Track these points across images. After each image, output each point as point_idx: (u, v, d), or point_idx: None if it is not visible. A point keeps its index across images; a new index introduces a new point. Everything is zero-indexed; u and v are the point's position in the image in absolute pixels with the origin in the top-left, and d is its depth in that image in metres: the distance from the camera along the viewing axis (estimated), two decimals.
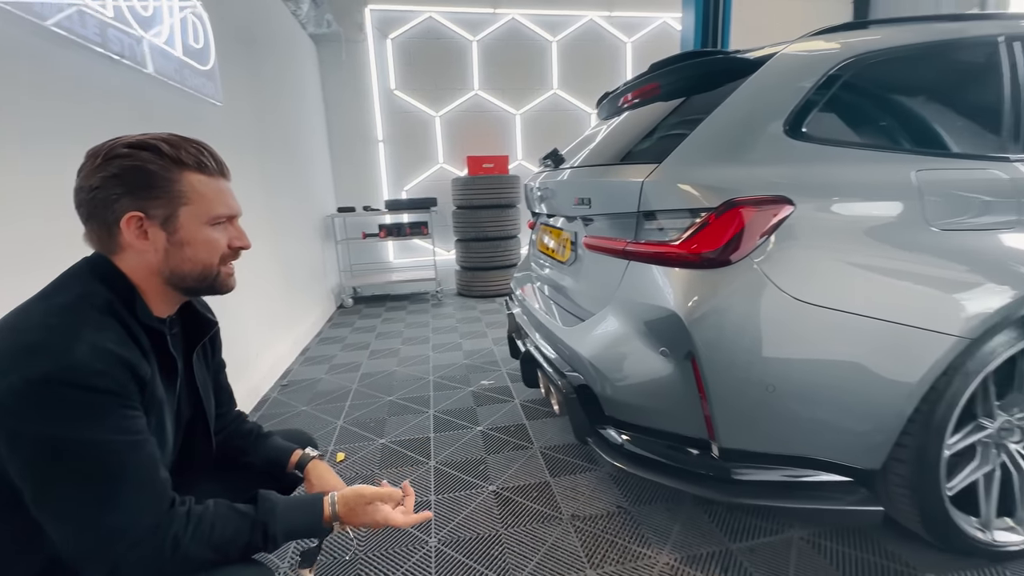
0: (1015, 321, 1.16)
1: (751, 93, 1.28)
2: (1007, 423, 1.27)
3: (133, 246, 0.76)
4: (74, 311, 0.72)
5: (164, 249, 0.78)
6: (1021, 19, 1.43)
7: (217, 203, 0.81)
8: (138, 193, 0.74)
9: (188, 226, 0.78)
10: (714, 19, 3.43)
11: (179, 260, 0.79)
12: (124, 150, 0.74)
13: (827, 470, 1.22)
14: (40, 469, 0.65)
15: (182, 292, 0.84)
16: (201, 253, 0.80)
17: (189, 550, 0.71)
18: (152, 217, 0.76)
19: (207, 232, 0.81)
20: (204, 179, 0.80)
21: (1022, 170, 1.24)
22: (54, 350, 0.66)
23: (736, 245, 1.15)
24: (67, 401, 0.65)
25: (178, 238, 0.78)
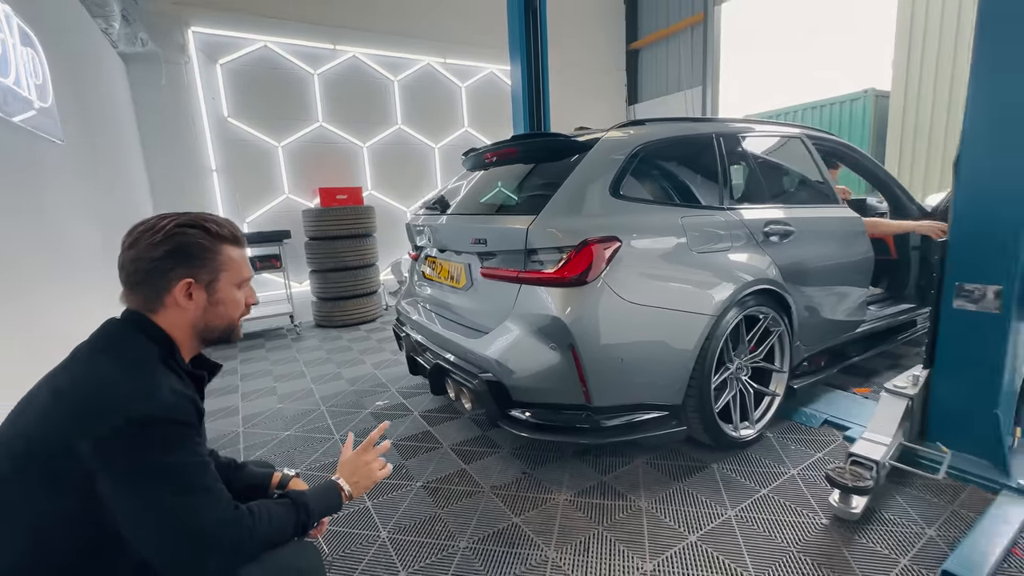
0: (736, 304, 1.99)
1: (588, 166, 1.92)
2: (738, 365, 2.12)
3: (177, 306, 0.93)
4: (145, 363, 0.89)
5: (204, 307, 0.96)
6: (722, 122, 2.40)
7: (244, 269, 1.02)
8: (191, 263, 0.93)
9: (224, 288, 0.98)
10: (536, 89, 4.29)
11: (213, 316, 0.98)
12: (179, 229, 0.92)
13: (654, 409, 1.90)
14: (145, 491, 0.81)
15: (204, 343, 1.02)
16: (230, 310, 1.00)
17: (260, 536, 0.91)
18: (200, 282, 0.94)
19: (235, 293, 1.00)
20: (236, 250, 1.01)
21: (729, 215, 2.12)
22: (145, 394, 0.83)
23: (591, 269, 1.74)
24: (161, 434, 0.82)
25: (216, 298, 0.97)
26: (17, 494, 0.81)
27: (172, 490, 0.82)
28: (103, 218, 2.76)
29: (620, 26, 7.44)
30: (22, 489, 0.80)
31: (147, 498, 0.81)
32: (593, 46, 7.23)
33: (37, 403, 0.86)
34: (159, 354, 0.91)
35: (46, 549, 0.81)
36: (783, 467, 1.98)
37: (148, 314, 0.93)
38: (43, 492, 0.80)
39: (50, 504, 0.80)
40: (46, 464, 0.79)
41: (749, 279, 2.02)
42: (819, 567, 1.45)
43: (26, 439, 0.82)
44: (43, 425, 0.82)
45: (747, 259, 2.08)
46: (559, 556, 1.55)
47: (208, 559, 0.85)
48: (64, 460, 0.78)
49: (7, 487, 0.81)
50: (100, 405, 0.80)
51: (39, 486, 0.80)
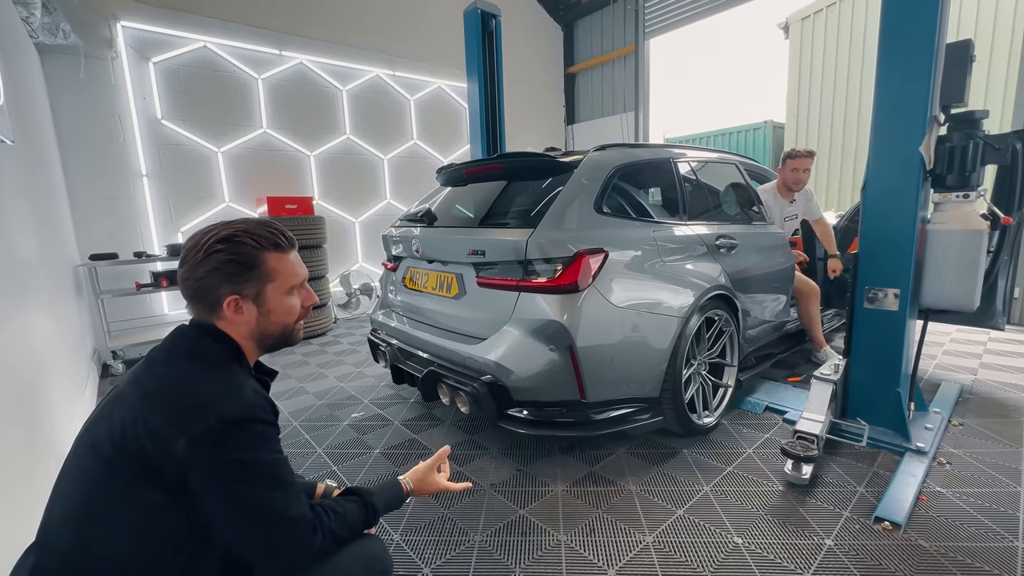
0: (698, 308, 2.28)
1: (574, 185, 2.12)
2: (700, 361, 2.42)
3: (232, 319, 0.96)
4: (226, 365, 0.93)
5: (256, 319, 0.97)
6: (672, 148, 2.73)
7: (292, 275, 1.01)
8: (234, 279, 0.93)
9: (273, 298, 0.98)
10: (492, 107, 4.48)
11: (267, 325, 0.99)
12: (219, 245, 0.92)
13: (635, 403, 2.12)
14: (239, 487, 0.84)
15: (263, 350, 1.04)
16: (283, 317, 1.01)
17: (335, 531, 0.96)
18: (246, 296, 0.95)
19: (286, 300, 1.00)
20: (280, 256, 0.99)
21: (687, 229, 2.43)
22: (234, 395, 0.87)
23: (585, 278, 1.94)
24: (252, 432, 0.86)
25: (266, 309, 0.98)
26: (118, 484, 0.82)
27: (264, 485, 0.86)
28: (40, 221, 2.50)
29: (559, 51, 7.90)
30: (122, 480, 0.82)
31: (241, 493, 0.84)
32: (535, 67, 7.60)
33: (125, 403, 0.87)
34: (235, 359, 0.96)
35: (141, 542, 0.83)
36: (740, 447, 2.29)
37: (212, 322, 0.96)
38: (139, 485, 0.82)
39: (146, 497, 0.82)
40: (140, 459, 0.81)
41: (708, 285, 2.33)
42: (784, 524, 1.73)
43: (121, 435, 0.83)
44: (136, 424, 0.83)
45: (705, 268, 2.39)
46: (570, 539, 1.70)
47: (299, 551, 0.90)
48: (159, 457, 0.81)
49: (110, 474, 0.83)
50: (192, 405, 0.84)
51: (135, 479, 0.82)
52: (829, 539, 1.65)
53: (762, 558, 1.57)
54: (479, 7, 4.25)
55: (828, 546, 1.61)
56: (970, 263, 2.06)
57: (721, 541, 1.66)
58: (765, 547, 1.62)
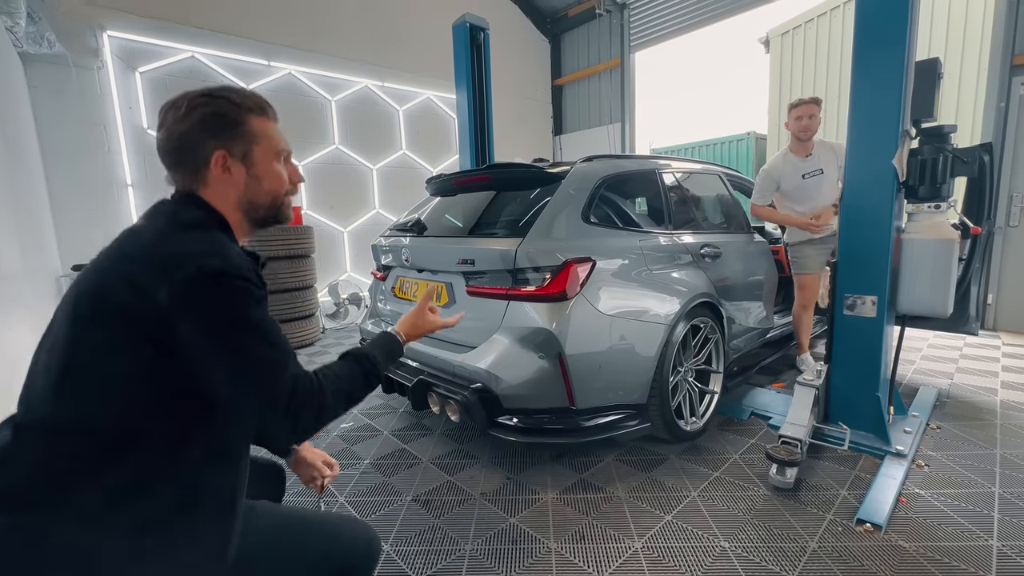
0: (684, 315, 2.33)
1: (562, 195, 2.16)
2: (687, 367, 2.46)
3: (218, 181, 0.89)
4: (208, 228, 0.87)
5: (245, 183, 0.91)
6: (657, 159, 2.79)
7: (279, 140, 0.96)
8: (221, 134, 0.88)
9: (262, 161, 0.92)
10: (481, 118, 4.54)
11: (255, 191, 0.92)
12: (202, 99, 0.87)
13: (624, 409, 2.15)
14: (231, 339, 0.79)
15: (253, 223, 0.97)
16: (273, 184, 0.94)
17: (339, 388, 0.92)
18: (234, 155, 0.89)
19: (275, 166, 0.94)
20: (264, 120, 0.94)
21: (673, 238, 2.49)
22: (219, 253, 0.80)
23: (573, 286, 1.97)
24: (240, 290, 0.79)
25: (255, 172, 0.92)
26: (101, 335, 0.77)
27: (258, 341, 0.81)
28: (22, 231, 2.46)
29: (546, 63, 8.02)
30: (105, 332, 0.77)
31: (235, 345, 0.79)
32: (523, 79, 7.71)
33: (102, 266, 0.81)
34: (218, 227, 0.90)
35: (129, 401, 0.77)
36: (727, 453, 2.33)
37: (195, 191, 0.89)
38: (123, 337, 0.76)
39: (132, 350, 0.76)
40: (121, 313, 0.76)
41: (693, 292, 2.37)
42: (769, 528, 1.76)
43: (100, 292, 0.78)
44: (115, 280, 0.77)
45: (690, 276, 2.44)
46: (560, 546, 1.71)
47: (305, 404, 0.84)
48: (141, 309, 0.75)
49: (92, 328, 0.77)
50: (174, 256, 0.78)
51: (118, 331, 0.76)
52: (813, 541, 1.68)
53: (748, 561, 1.60)
54: (467, 21, 4.32)
55: (812, 548, 1.65)
56: (943, 271, 2.14)
57: (708, 545, 1.68)
58: (751, 550, 1.65)
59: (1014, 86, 4.07)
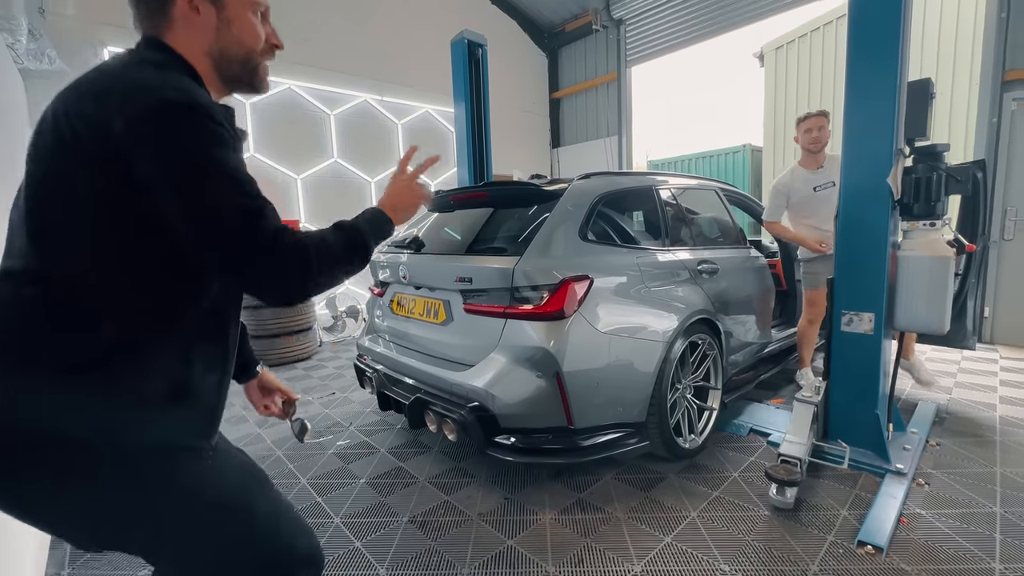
0: (683, 331, 2.33)
1: (560, 213, 2.17)
2: (686, 384, 2.45)
3: (186, 20, 0.80)
4: (174, 68, 0.78)
5: (215, 27, 0.82)
6: (654, 175, 2.81)
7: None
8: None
9: (234, 6, 0.84)
10: (479, 132, 4.57)
11: (227, 40, 0.83)
12: None
13: (622, 427, 2.14)
14: (194, 183, 0.70)
15: (224, 83, 0.87)
16: (246, 36, 0.85)
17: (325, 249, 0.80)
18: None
19: (250, 16, 0.86)
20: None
21: (670, 255, 2.49)
22: (184, 90, 0.72)
23: (571, 305, 1.97)
24: (205, 128, 0.71)
25: (226, 15, 0.83)
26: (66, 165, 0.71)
27: (227, 187, 0.72)
28: None
29: (544, 76, 8.10)
30: (67, 165, 0.71)
31: (200, 191, 0.70)
32: (521, 92, 7.78)
33: (58, 104, 0.74)
34: (185, 71, 0.80)
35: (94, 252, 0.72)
36: (726, 471, 2.31)
37: (160, 34, 0.81)
38: (84, 172, 0.70)
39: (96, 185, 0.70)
40: (77, 148, 0.69)
41: (691, 310, 2.37)
42: (769, 550, 1.74)
43: (55, 127, 0.71)
44: (69, 114, 0.71)
45: (688, 293, 2.44)
46: (557, 570, 1.68)
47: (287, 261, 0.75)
48: (96, 144, 0.69)
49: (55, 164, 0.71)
50: (131, 86, 0.71)
51: (80, 165, 0.70)
52: (814, 564, 1.66)
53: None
54: (466, 37, 4.37)
55: (814, 572, 1.63)
56: (939, 288, 2.14)
57: (709, 569, 1.66)
58: (752, 574, 1.63)
59: (1005, 101, 4.12)
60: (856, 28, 2.14)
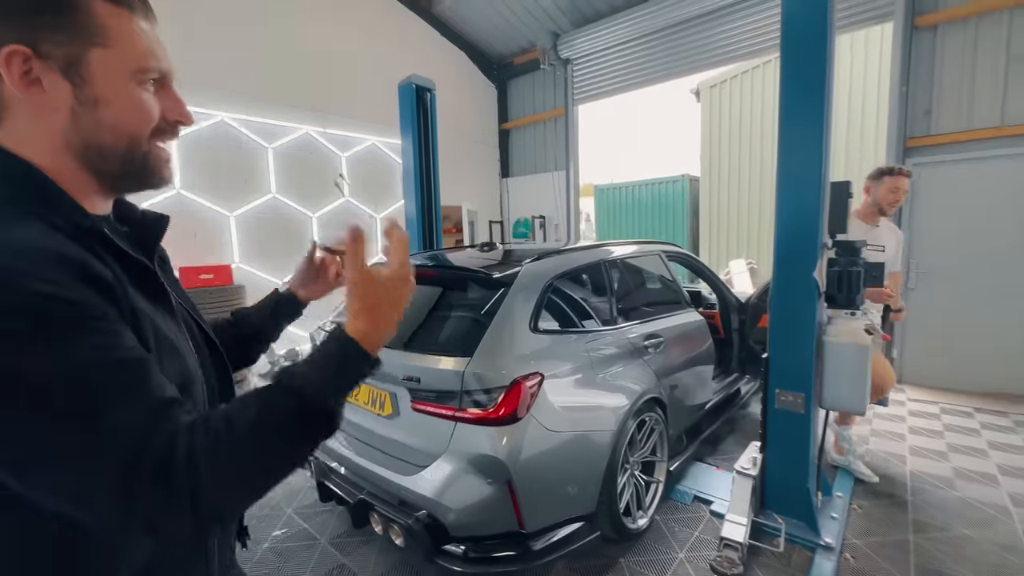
0: (632, 413, 2.36)
1: (511, 305, 2.14)
2: (634, 462, 2.49)
3: (24, 104, 0.55)
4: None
5: (70, 108, 0.56)
6: (604, 247, 2.86)
7: (145, 50, 0.60)
8: (21, 18, 0.53)
9: (104, 79, 0.57)
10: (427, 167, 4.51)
11: (93, 127, 0.57)
12: None
13: (574, 521, 2.13)
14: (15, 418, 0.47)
15: (106, 182, 0.62)
16: (125, 119, 0.59)
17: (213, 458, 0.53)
18: (46, 56, 0.54)
19: (132, 90, 0.59)
20: (124, 13, 0.58)
21: (618, 334, 2.53)
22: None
23: (523, 407, 1.94)
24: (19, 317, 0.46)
25: (90, 94, 0.56)
26: None
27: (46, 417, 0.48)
28: None
29: (493, 107, 8.14)
30: None
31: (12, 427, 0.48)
32: (470, 122, 7.76)
33: None
34: (7, 197, 0.54)
35: None
36: (673, 551, 2.36)
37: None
38: None
39: None
40: None
41: (640, 391, 2.42)
42: None
43: None
44: None
45: (636, 373, 2.49)
46: None
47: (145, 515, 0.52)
48: None
49: None
50: None
51: None
52: None
53: None
54: (414, 82, 4.29)
55: None
56: (859, 372, 2.32)
57: None
58: None
59: (907, 165, 4.59)
60: (784, 140, 2.30)
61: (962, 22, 4.35)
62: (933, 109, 4.53)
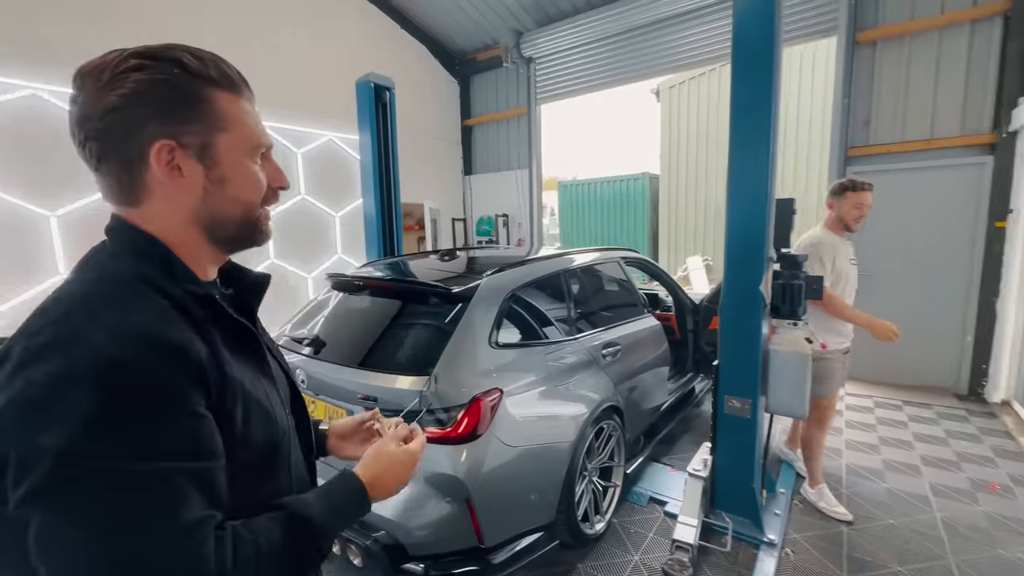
0: (591, 422, 2.42)
1: (469, 321, 2.14)
2: (592, 469, 2.55)
3: (165, 187, 0.63)
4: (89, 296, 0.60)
5: (203, 188, 0.65)
6: (564, 257, 2.90)
7: (257, 131, 0.70)
8: (166, 115, 0.61)
9: (228, 159, 0.66)
10: (386, 165, 4.42)
11: (220, 202, 0.67)
12: (139, 61, 0.60)
13: (533, 532, 2.17)
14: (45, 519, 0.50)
15: (221, 246, 0.71)
16: (245, 191, 0.69)
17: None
18: (186, 146, 0.63)
19: (248, 166, 0.69)
20: (237, 100, 0.68)
21: (577, 344, 2.58)
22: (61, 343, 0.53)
23: (482, 424, 1.95)
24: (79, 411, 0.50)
25: (218, 174, 0.66)
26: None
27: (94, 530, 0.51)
28: None
29: (456, 103, 8.02)
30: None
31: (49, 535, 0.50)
32: (433, 117, 7.62)
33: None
34: (136, 273, 0.61)
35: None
36: (629, 554, 2.45)
37: (128, 213, 0.65)
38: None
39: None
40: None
41: (599, 399, 2.47)
42: None
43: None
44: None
45: (595, 382, 2.54)
46: None
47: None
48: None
49: None
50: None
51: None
52: None
53: None
54: (372, 80, 4.18)
55: None
56: (799, 379, 2.46)
57: None
58: None
59: (848, 174, 4.86)
60: (734, 162, 2.39)
61: (898, 39, 4.62)
62: (872, 120, 4.81)
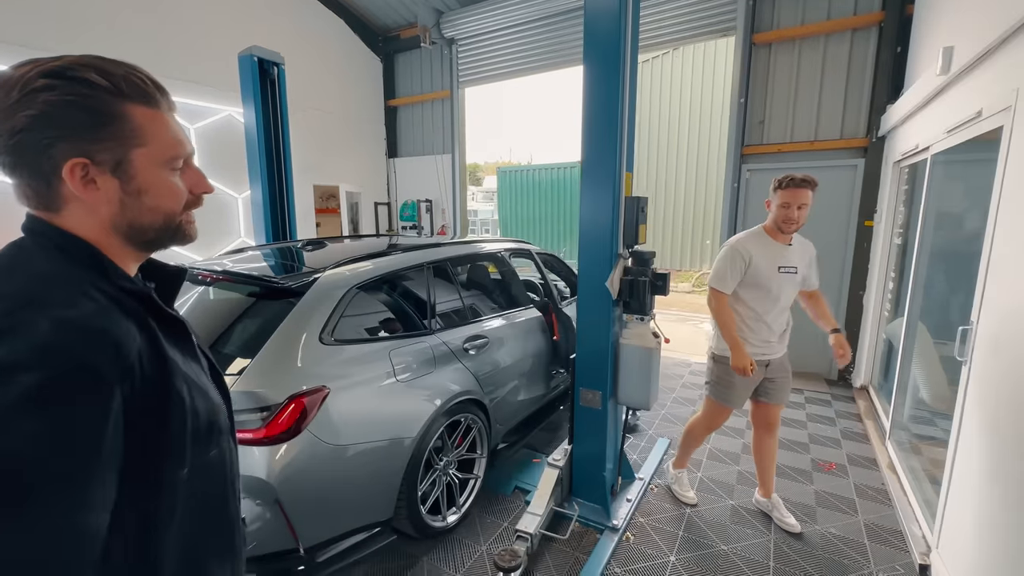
0: (441, 415, 2.41)
1: (297, 317, 2.06)
2: (448, 461, 2.56)
3: (81, 199, 0.64)
4: (43, 280, 0.61)
5: (119, 200, 0.66)
6: (433, 248, 2.85)
7: (174, 142, 0.70)
8: (79, 135, 0.62)
9: (144, 172, 0.67)
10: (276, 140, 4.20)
11: (138, 212, 0.68)
12: (46, 81, 0.59)
13: (367, 528, 2.15)
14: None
15: (142, 248, 0.72)
16: (164, 202, 0.70)
17: None
18: (100, 163, 0.64)
19: (166, 177, 0.70)
20: (154, 113, 0.68)
21: (433, 339, 2.56)
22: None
23: (299, 422, 1.89)
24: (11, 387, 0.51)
25: (135, 186, 0.67)
26: None
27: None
28: None
29: (379, 82, 7.72)
30: None
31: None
32: (352, 97, 7.31)
33: None
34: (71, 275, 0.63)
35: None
36: (479, 544, 2.49)
37: (48, 216, 0.65)
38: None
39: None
40: None
41: (449, 395, 2.47)
42: None
43: None
44: None
45: (448, 376, 2.53)
46: None
47: None
48: None
49: None
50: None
51: None
52: None
53: None
54: (254, 54, 3.92)
55: None
56: (646, 373, 2.56)
57: None
58: None
59: (743, 171, 5.08)
60: (586, 159, 2.41)
61: (790, 42, 4.83)
62: (766, 120, 5.03)
